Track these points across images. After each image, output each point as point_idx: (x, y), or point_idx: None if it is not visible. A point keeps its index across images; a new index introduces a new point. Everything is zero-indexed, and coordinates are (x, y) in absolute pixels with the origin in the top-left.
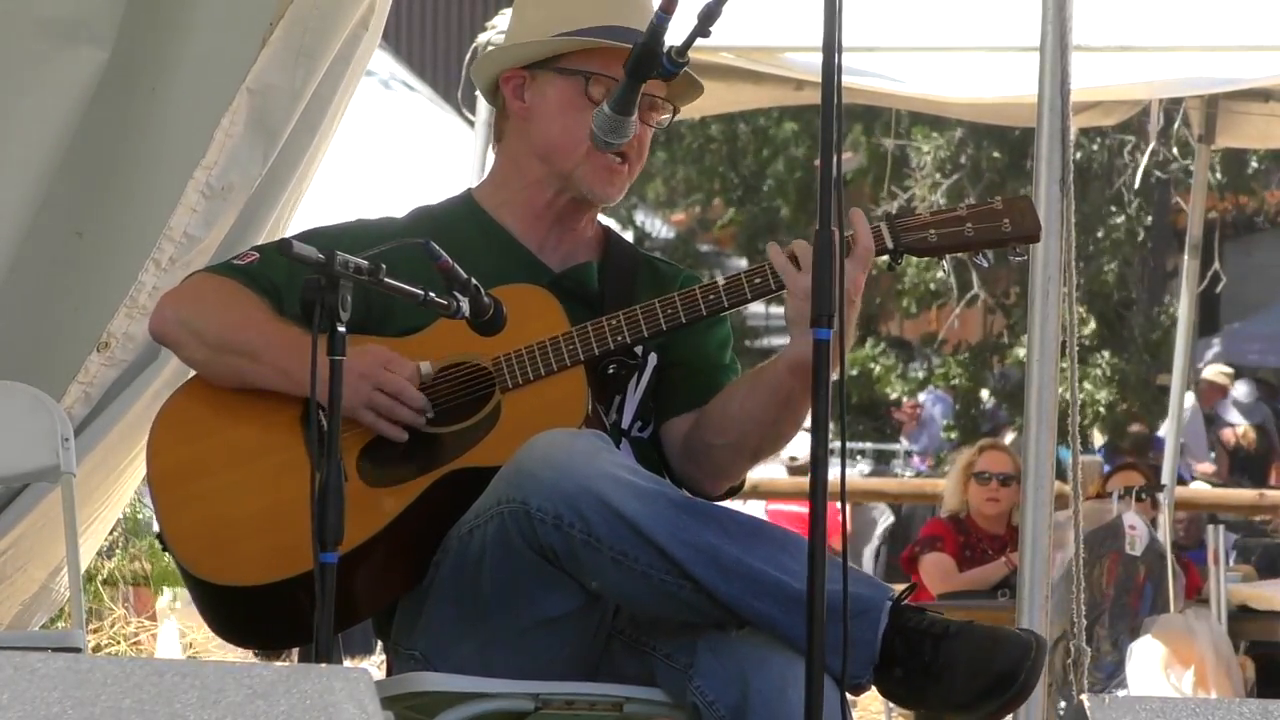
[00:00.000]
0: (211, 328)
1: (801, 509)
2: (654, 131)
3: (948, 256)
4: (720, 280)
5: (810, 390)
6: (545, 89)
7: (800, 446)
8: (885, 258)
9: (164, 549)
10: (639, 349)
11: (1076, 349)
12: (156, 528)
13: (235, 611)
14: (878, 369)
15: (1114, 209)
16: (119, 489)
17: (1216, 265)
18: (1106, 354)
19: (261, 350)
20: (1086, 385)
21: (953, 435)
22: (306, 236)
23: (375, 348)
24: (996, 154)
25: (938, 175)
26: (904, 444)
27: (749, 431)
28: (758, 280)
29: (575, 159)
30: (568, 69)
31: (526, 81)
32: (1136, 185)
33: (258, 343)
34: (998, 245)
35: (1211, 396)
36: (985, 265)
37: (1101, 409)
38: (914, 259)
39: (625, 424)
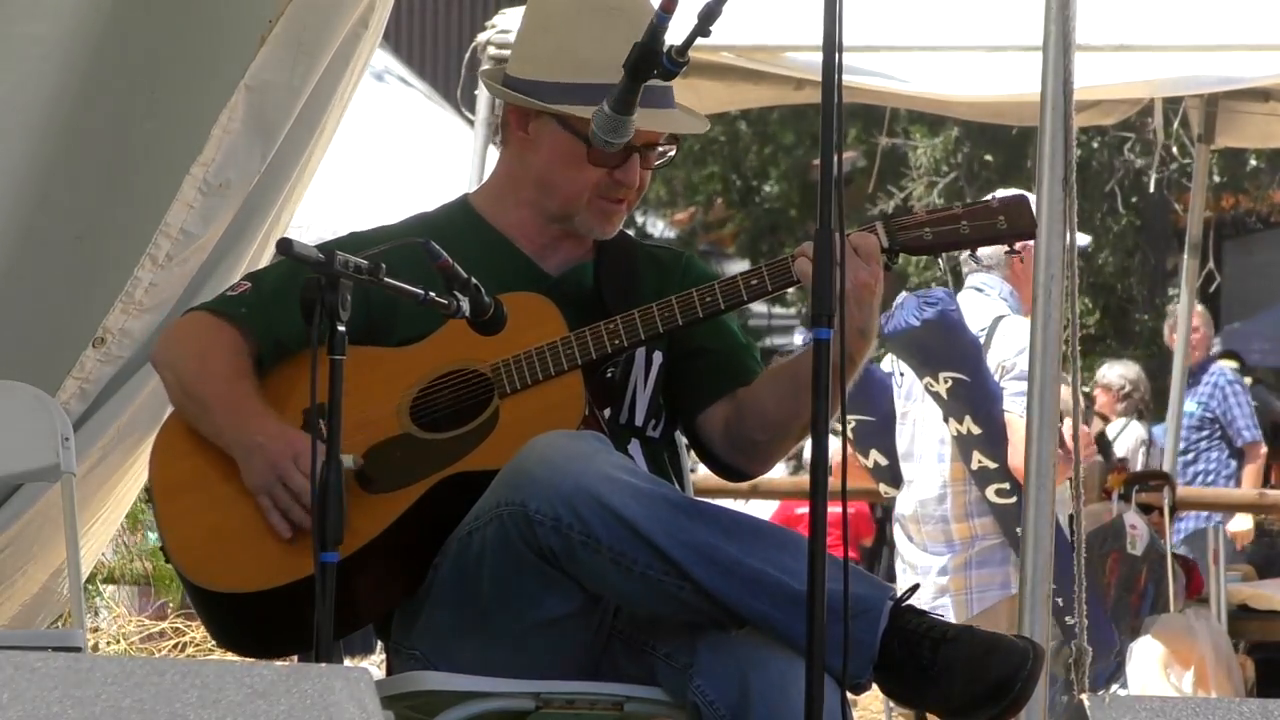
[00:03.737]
0: (182, 374)
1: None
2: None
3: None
4: (717, 282)
5: (848, 376)
6: (549, 132)
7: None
8: (882, 256)
9: (166, 560)
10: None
11: (1078, 346)
12: (160, 544)
13: (236, 619)
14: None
15: (1116, 207)
16: (120, 490)
17: (1211, 265)
18: (1111, 342)
19: (213, 409)
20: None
21: None
22: None
23: (296, 438)
24: (990, 157)
25: (933, 175)
26: None
27: (792, 424)
28: (754, 282)
29: (577, 207)
30: (571, 126)
31: (532, 115)
32: (1151, 187)
33: (211, 399)
34: (993, 243)
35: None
36: (980, 264)
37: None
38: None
39: (639, 422)
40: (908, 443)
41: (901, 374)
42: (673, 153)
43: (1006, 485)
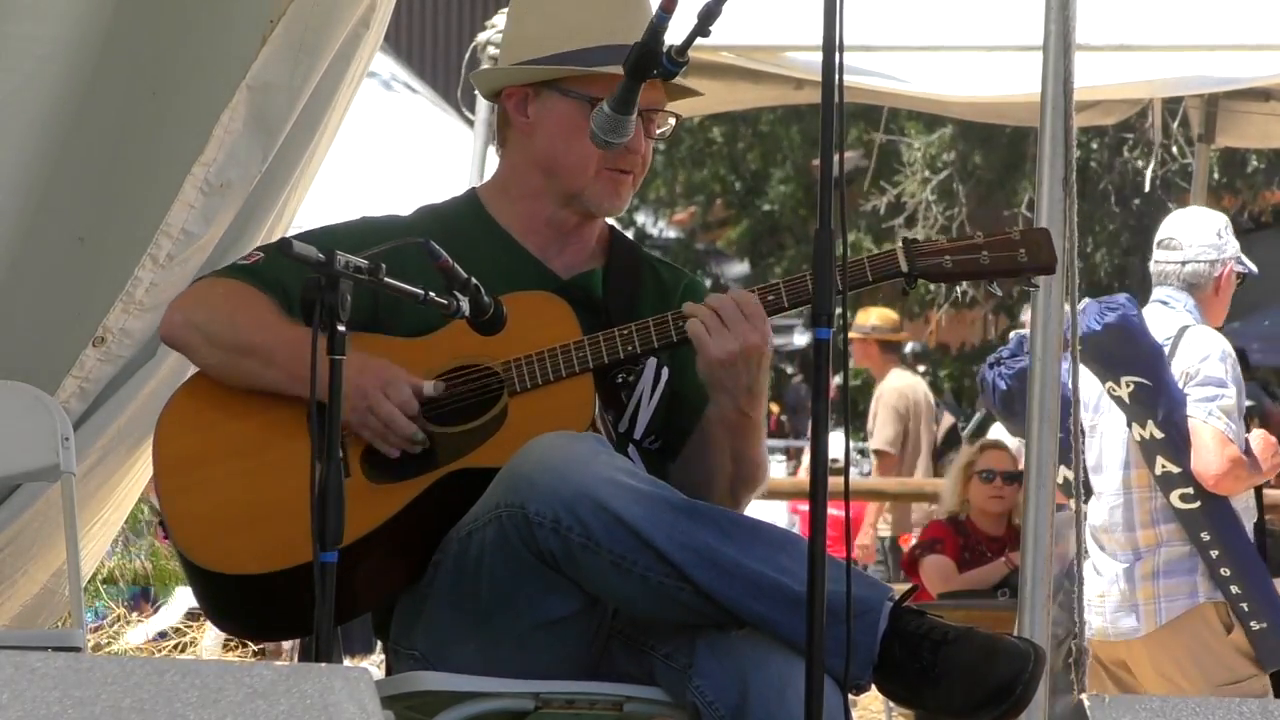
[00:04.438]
0: (224, 331)
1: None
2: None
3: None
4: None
5: (748, 435)
6: (550, 107)
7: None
8: (900, 280)
9: (165, 535)
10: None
11: (1078, 346)
12: (159, 518)
13: (232, 600)
14: None
15: (1114, 208)
16: (121, 491)
17: None
18: None
19: (273, 354)
20: None
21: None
22: (311, 236)
23: (380, 365)
24: (980, 156)
25: (927, 172)
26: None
27: (721, 482)
28: (770, 298)
29: (584, 180)
30: (572, 92)
31: (530, 97)
32: (1147, 186)
33: (269, 346)
34: (1012, 275)
35: None
36: (998, 294)
37: None
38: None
39: (638, 435)
40: (1096, 455)
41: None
42: (672, 122)
43: (1190, 490)
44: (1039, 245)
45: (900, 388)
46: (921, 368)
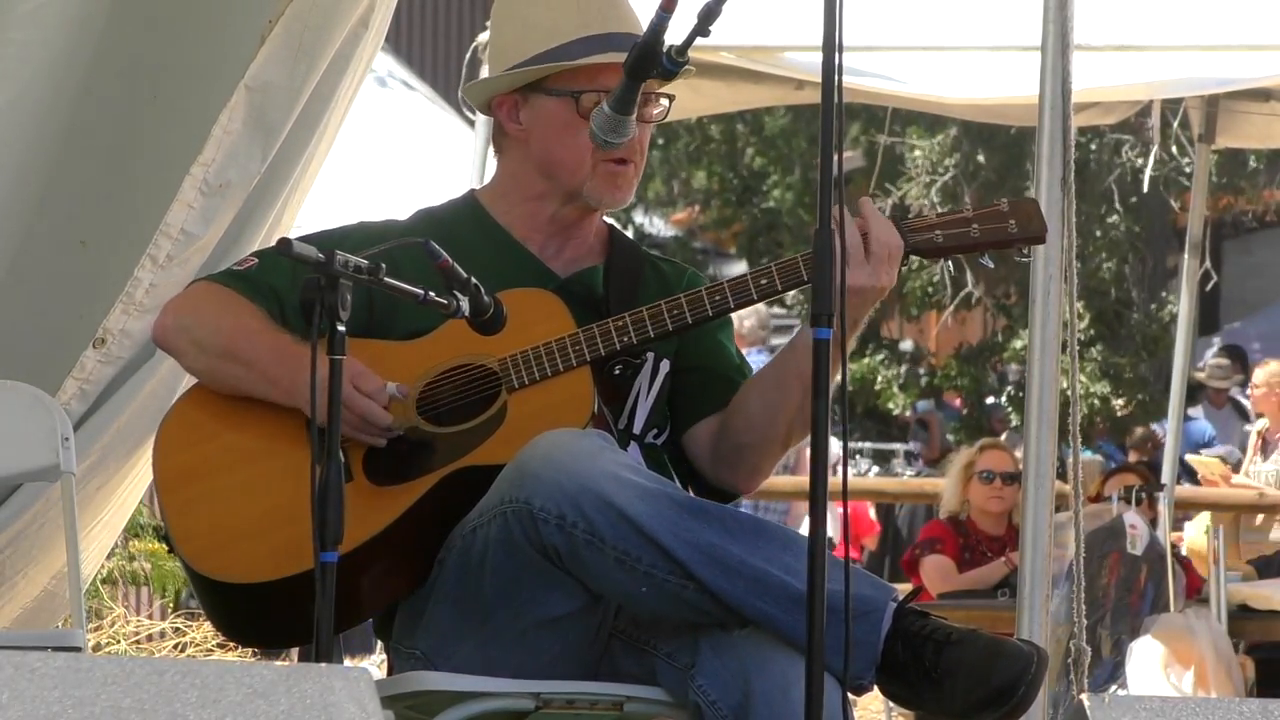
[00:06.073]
0: (209, 336)
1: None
2: (651, 126)
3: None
4: (726, 281)
5: (831, 371)
6: (539, 109)
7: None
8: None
9: (170, 550)
10: (648, 351)
11: (1077, 347)
12: (163, 530)
13: (240, 609)
14: (879, 380)
15: (1115, 208)
16: (121, 492)
17: (1208, 264)
18: (1100, 348)
19: (253, 359)
20: (1082, 379)
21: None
22: (308, 239)
23: (346, 360)
24: (983, 156)
25: (930, 175)
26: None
27: (777, 422)
28: (764, 282)
29: (582, 175)
30: (557, 90)
31: (519, 103)
32: (1145, 186)
33: (249, 351)
34: (1004, 246)
35: (1220, 401)
36: (990, 266)
37: (1096, 402)
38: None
39: (638, 429)
40: None
41: None
42: (665, 103)
43: None
44: (1029, 216)
45: None
46: (921, 369)
